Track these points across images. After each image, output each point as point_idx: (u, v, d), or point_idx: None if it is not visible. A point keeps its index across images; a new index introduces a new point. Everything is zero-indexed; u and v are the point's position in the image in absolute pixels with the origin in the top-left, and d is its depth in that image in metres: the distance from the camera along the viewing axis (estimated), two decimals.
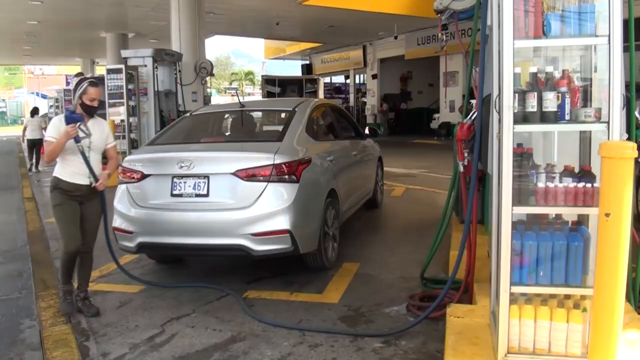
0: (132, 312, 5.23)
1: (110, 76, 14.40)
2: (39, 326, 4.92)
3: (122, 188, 5.93)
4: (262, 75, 33.96)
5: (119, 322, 4.99)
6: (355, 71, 35.66)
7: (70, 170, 5.00)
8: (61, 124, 4.91)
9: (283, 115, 6.62)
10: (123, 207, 5.84)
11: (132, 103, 14.46)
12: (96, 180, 5.06)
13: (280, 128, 6.55)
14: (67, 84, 36.64)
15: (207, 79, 17.93)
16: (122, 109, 14.29)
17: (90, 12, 21.92)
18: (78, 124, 4.89)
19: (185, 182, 5.59)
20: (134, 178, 5.82)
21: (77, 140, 4.91)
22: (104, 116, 15.68)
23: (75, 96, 5.06)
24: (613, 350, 2.63)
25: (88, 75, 27.98)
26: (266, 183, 5.43)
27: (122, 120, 14.28)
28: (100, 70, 35.45)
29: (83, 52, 35.22)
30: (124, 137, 14.20)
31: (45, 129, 27.12)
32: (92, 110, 5.11)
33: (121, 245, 5.91)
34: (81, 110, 5.02)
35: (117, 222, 5.88)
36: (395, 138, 27.51)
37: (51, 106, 29.43)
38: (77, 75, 21.80)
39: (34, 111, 20.38)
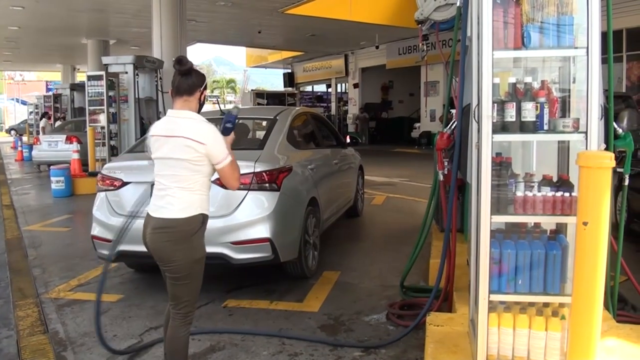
0: (110, 321, 5.18)
1: (91, 83, 14.31)
2: (17, 336, 4.86)
3: (101, 196, 5.89)
4: (252, 89, 37.18)
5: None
6: (337, 80, 35.77)
7: (209, 201, 3.64)
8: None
9: (264, 123, 6.62)
10: (102, 215, 5.80)
11: (112, 110, 14.37)
12: None
13: (261, 136, 6.54)
14: (48, 90, 36.43)
15: None
16: (103, 116, 14.19)
17: (72, 18, 21.78)
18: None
19: None
20: (113, 186, 5.78)
21: None
22: (83, 123, 15.64)
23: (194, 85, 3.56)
24: (591, 357, 2.64)
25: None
26: (246, 191, 5.42)
27: (102, 128, 14.18)
28: (80, 77, 35.20)
29: (64, 59, 34.99)
30: (103, 145, 14.13)
31: (21, 135, 26.96)
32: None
33: (100, 254, 5.87)
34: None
35: (95, 230, 5.84)
36: (376, 147, 27.59)
37: (31, 112, 29.24)
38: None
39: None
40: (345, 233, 8.56)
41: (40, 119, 24.71)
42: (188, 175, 3.43)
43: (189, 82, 3.49)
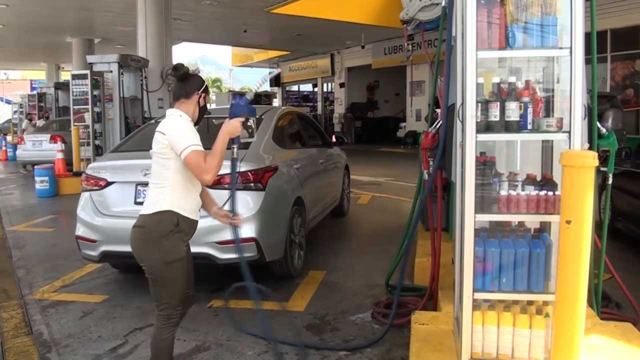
0: (95, 322, 5.15)
1: (76, 82, 14.24)
2: (1, 338, 4.82)
3: (85, 196, 5.85)
4: (229, 90, 36.25)
5: (81, 332, 4.91)
6: (323, 79, 35.79)
7: (193, 202, 3.56)
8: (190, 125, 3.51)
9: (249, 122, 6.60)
10: (86, 215, 5.76)
11: (97, 109, 14.32)
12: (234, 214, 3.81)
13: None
14: (32, 89, 36.14)
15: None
16: (87, 115, 14.12)
17: (57, 17, 21.66)
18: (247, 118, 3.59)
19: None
20: (97, 185, 5.75)
21: (236, 142, 3.59)
22: (68, 123, 15.55)
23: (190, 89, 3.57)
24: (575, 355, 2.66)
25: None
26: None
27: (87, 127, 14.10)
28: (65, 76, 35.00)
29: (49, 57, 34.78)
30: (88, 144, 14.07)
31: (5, 135, 26.68)
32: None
33: (84, 254, 5.83)
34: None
35: (80, 230, 5.79)
36: (362, 146, 27.61)
37: (15, 112, 28.98)
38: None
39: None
40: (331, 232, 8.57)
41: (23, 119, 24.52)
42: (158, 170, 3.43)
43: (185, 86, 3.53)
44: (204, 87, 3.60)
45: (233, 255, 5.39)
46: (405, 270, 4.98)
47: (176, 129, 3.38)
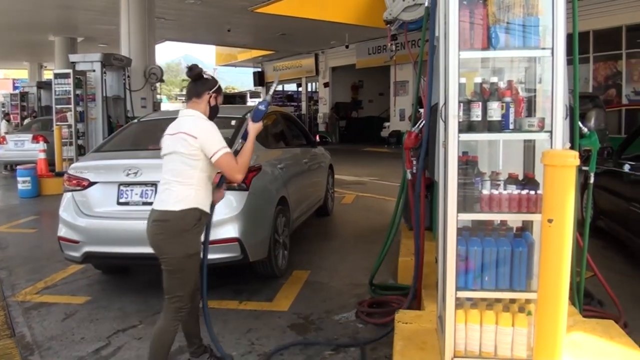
0: (77, 324, 5.12)
1: (58, 81, 14.11)
2: None
3: (67, 196, 5.81)
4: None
5: (64, 334, 4.88)
6: (307, 79, 35.79)
7: (210, 199, 3.82)
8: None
9: (233, 122, 6.59)
10: (68, 215, 5.71)
11: (79, 109, 14.20)
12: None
13: (229, 135, 6.50)
14: (15, 88, 35.80)
15: (157, 85, 17.73)
16: (70, 115, 14.00)
17: (38, 15, 21.47)
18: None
19: (132, 190, 5.52)
20: (80, 186, 5.71)
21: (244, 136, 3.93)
22: (50, 122, 15.43)
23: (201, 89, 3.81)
24: (558, 352, 2.68)
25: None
26: None
27: (70, 126, 13.99)
28: (48, 75, 34.69)
29: (31, 56, 34.48)
30: (71, 144, 13.96)
31: None
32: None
33: (66, 255, 5.79)
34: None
35: (62, 231, 5.75)
36: (346, 146, 27.65)
37: None
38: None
39: None
40: (315, 232, 8.57)
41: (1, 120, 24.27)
42: (185, 170, 3.63)
43: (197, 87, 3.79)
44: (215, 87, 3.85)
45: (217, 256, 5.36)
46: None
47: (208, 133, 3.63)
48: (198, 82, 3.81)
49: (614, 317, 4.42)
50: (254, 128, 3.87)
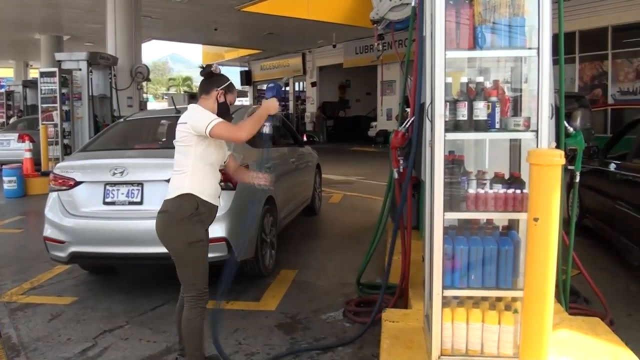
0: (64, 325, 5.09)
1: (44, 80, 14.01)
2: None
3: (53, 196, 5.77)
4: (185, 91, 36.74)
5: (50, 335, 4.84)
6: (294, 79, 35.72)
7: (212, 187, 3.82)
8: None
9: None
10: (54, 215, 5.68)
11: (65, 108, 14.12)
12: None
13: None
14: (0, 87, 35.50)
15: (144, 84, 17.66)
16: (56, 114, 13.92)
17: (24, 13, 21.31)
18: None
19: (118, 190, 5.49)
20: (66, 185, 5.67)
21: (270, 119, 3.99)
22: (36, 121, 15.33)
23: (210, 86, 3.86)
24: (544, 349, 2.70)
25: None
26: None
27: (56, 126, 13.91)
28: (34, 74, 34.44)
29: (16, 54, 34.17)
30: (57, 143, 13.88)
31: None
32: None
33: (52, 256, 5.75)
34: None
35: (48, 231, 5.71)
36: (333, 145, 27.63)
37: None
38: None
39: None
40: (302, 231, 8.57)
41: None
42: (180, 159, 3.75)
43: (206, 84, 3.87)
44: (224, 85, 3.87)
45: None
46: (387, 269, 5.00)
47: (195, 114, 3.72)
48: (208, 79, 3.88)
49: (600, 314, 4.45)
50: (267, 103, 3.83)
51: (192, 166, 3.70)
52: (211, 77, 3.89)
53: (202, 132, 3.61)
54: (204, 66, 3.94)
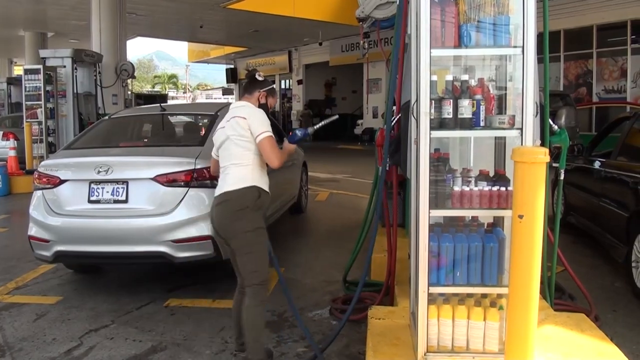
0: (49, 324, 5.05)
1: (28, 77, 13.92)
2: None
3: (37, 194, 5.72)
4: (132, 92, 36.99)
5: (35, 335, 4.80)
6: (280, 76, 35.70)
7: (267, 179, 4.03)
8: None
9: (205, 120, 6.55)
10: (39, 214, 5.63)
11: (50, 105, 14.03)
12: None
13: (201, 132, 6.47)
14: None
15: (129, 81, 17.58)
16: (40, 112, 13.81)
17: (8, 9, 21.16)
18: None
19: (103, 188, 5.45)
20: (50, 184, 5.63)
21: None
22: (20, 119, 15.22)
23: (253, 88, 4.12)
24: (529, 345, 2.72)
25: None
26: (187, 188, 5.36)
27: (40, 123, 13.80)
28: (18, 71, 34.18)
29: (0, 51, 33.89)
30: (41, 141, 13.79)
31: None
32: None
33: (37, 255, 5.71)
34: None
35: (32, 230, 5.67)
36: (319, 143, 27.60)
37: None
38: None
39: None
40: (289, 229, 8.57)
41: None
42: (239, 152, 3.86)
43: (250, 85, 4.14)
44: (266, 88, 4.14)
45: (189, 254, 5.36)
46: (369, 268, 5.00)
47: (256, 114, 3.91)
48: (252, 81, 4.15)
49: (584, 310, 4.49)
50: (287, 147, 4.18)
51: (253, 160, 3.87)
52: (253, 79, 4.14)
53: (253, 134, 3.83)
54: (249, 69, 4.12)
